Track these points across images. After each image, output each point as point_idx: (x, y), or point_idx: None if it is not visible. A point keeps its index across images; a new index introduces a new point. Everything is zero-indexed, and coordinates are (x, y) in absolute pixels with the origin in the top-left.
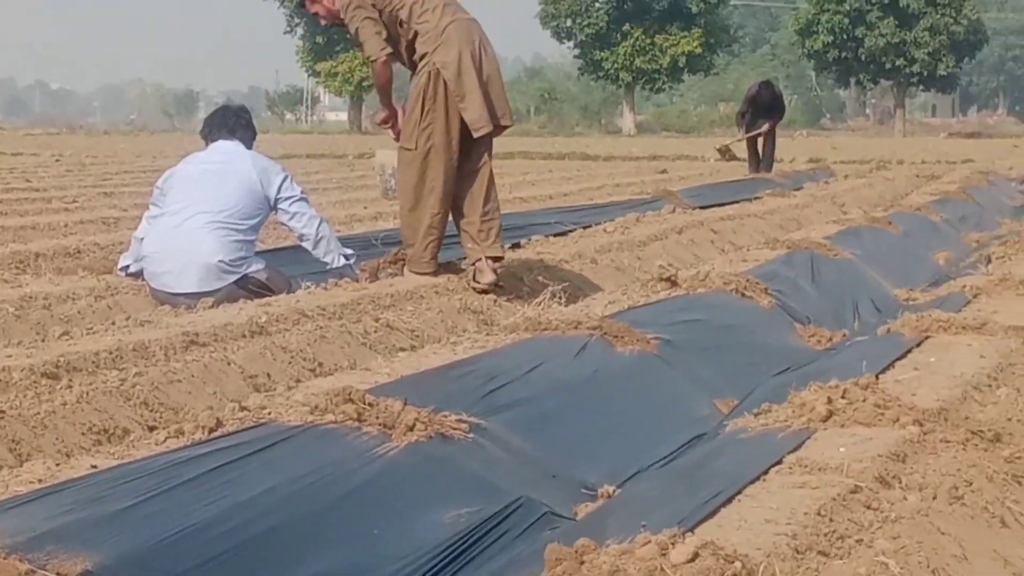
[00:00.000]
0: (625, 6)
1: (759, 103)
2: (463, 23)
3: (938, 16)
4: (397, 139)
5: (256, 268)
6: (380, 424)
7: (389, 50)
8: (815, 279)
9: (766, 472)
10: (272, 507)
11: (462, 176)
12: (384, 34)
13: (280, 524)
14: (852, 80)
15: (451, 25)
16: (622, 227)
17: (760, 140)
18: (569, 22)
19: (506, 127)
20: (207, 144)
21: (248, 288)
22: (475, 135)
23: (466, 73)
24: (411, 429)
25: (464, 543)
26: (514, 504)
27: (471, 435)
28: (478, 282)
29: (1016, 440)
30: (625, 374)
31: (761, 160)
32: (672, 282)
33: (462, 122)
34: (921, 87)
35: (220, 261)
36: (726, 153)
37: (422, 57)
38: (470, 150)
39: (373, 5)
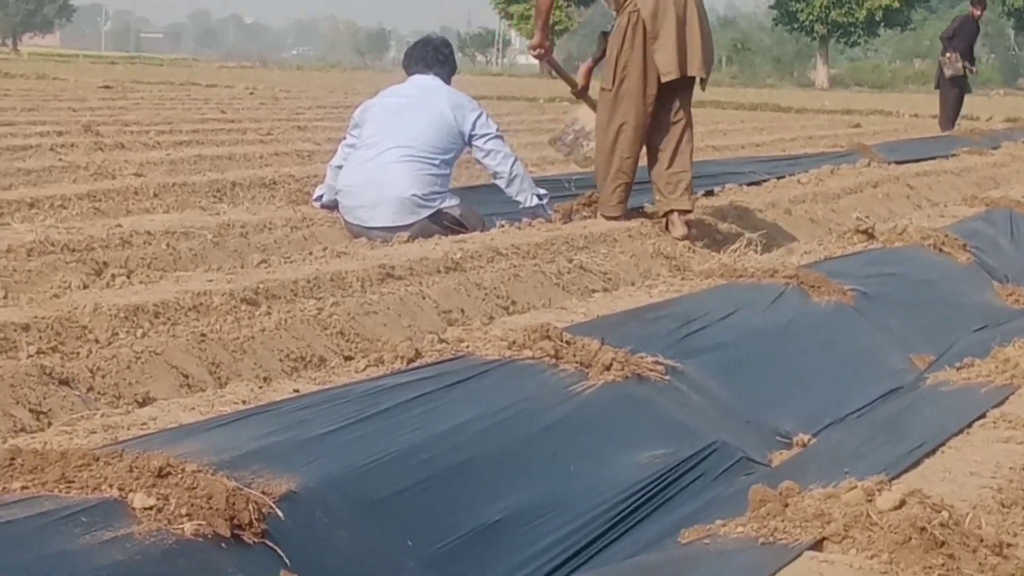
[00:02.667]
0: None
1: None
2: None
3: None
4: (554, 69)
5: (450, 204)
6: (577, 362)
7: None
8: (1014, 238)
9: (969, 426)
10: (470, 438)
11: (656, 126)
12: None
13: (478, 455)
14: None
15: None
16: (816, 179)
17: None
18: None
19: (701, 79)
20: (407, 75)
21: (442, 223)
22: (662, 79)
23: (663, 15)
24: (607, 368)
25: (660, 483)
26: (710, 448)
27: (667, 377)
28: (670, 234)
29: None
30: (820, 324)
31: (945, 111)
32: (869, 235)
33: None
34: None
35: (413, 195)
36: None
37: (625, 1)
38: (665, 99)
39: None
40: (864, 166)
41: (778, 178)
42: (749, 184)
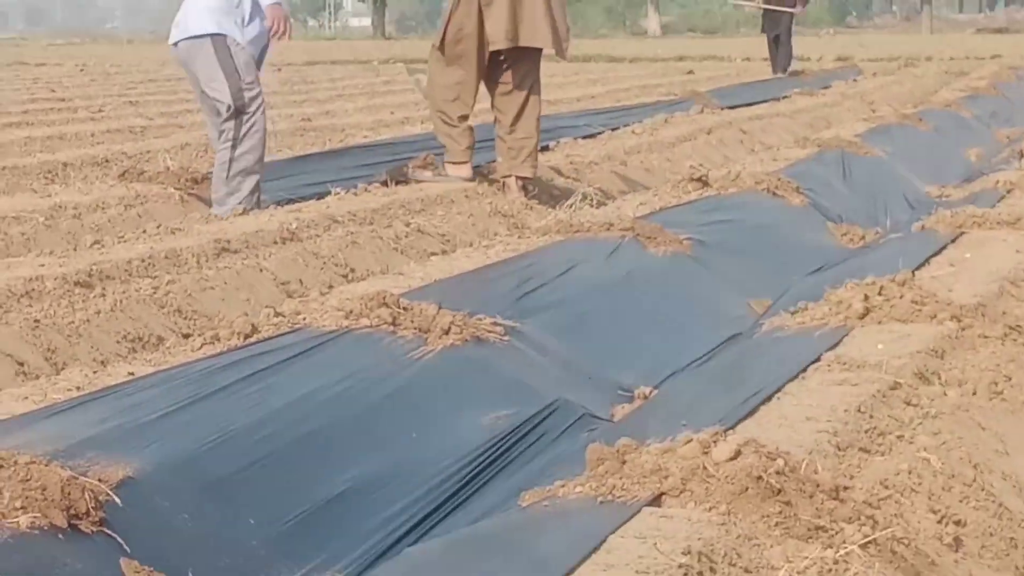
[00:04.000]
0: None
1: None
2: None
3: None
4: None
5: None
6: (415, 328)
7: None
8: (846, 177)
9: (804, 370)
10: (311, 412)
11: (500, 91)
12: None
13: (318, 429)
14: None
15: None
16: (650, 128)
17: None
18: None
19: (536, 49)
20: None
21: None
22: (490, 47)
23: None
24: (446, 333)
25: (503, 445)
26: (551, 406)
27: (506, 338)
28: (505, 195)
29: None
30: (658, 275)
31: (778, 54)
32: (703, 182)
33: None
34: None
35: None
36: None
37: None
38: (509, 64)
39: None
40: (697, 113)
41: (612, 129)
42: (584, 137)
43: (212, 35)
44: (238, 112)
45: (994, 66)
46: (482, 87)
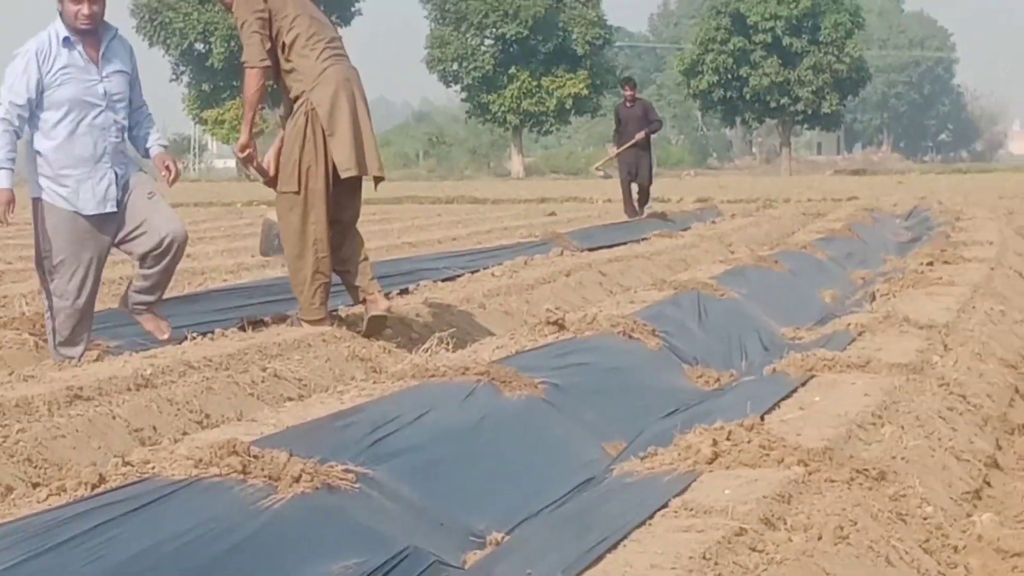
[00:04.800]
0: (511, 49)
1: (627, 114)
2: (343, 68)
3: (821, 55)
4: (256, 172)
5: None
6: (265, 476)
7: (268, 63)
8: (702, 319)
9: (652, 516)
10: (156, 564)
11: (341, 224)
12: (268, 44)
13: None
14: (738, 119)
15: (331, 68)
16: (510, 271)
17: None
18: (455, 66)
19: (378, 179)
20: None
21: None
22: (342, 176)
23: (339, 112)
24: (297, 480)
25: None
26: (401, 554)
27: (358, 485)
28: (374, 313)
29: (901, 478)
30: (513, 419)
31: (639, 197)
32: (559, 325)
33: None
34: (806, 125)
35: None
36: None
37: (298, 97)
38: (343, 197)
39: (267, 11)
40: (557, 255)
41: (473, 272)
42: (444, 280)
43: (34, 198)
44: (47, 274)
45: (851, 207)
46: None
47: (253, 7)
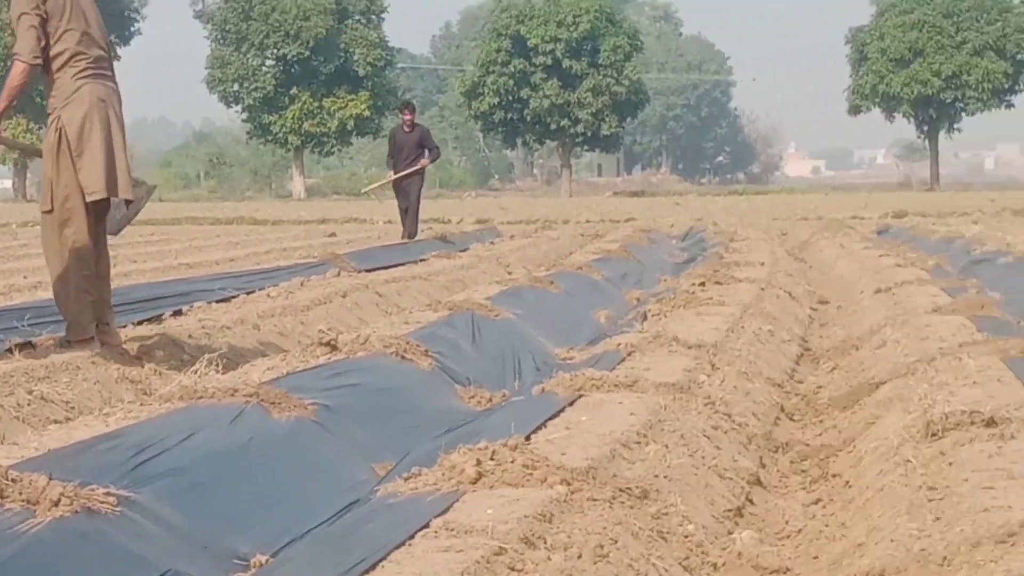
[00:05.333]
0: (292, 70)
1: (403, 139)
2: (99, 88)
3: (600, 77)
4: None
5: None
6: (23, 500)
7: (40, 61)
8: (476, 340)
9: (412, 537)
10: None
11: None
12: (43, 42)
13: None
14: (519, 141)
15: (86, 86)
16: (287, 292)
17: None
18: (236, 86)
19: (128, 200)
20: None
21: None
22: (87, 199)
23: (89, 132)
24: (56, 504)
25: None
26: None
27: (119, 508)
28: (109, 345)
29: (663, 496)
30: (281, 441)
31: (407, 221)
32: (332, 346)
33: None
34: (586, 147)
35: None
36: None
37: (52, 112)
38: (99, 215)
39: (45, 12)
40: (335, 276)
41: (248, 293)
42: (219, 301)
43: None
44: None
45: (628, 229)
46: None
47: (33, 2)
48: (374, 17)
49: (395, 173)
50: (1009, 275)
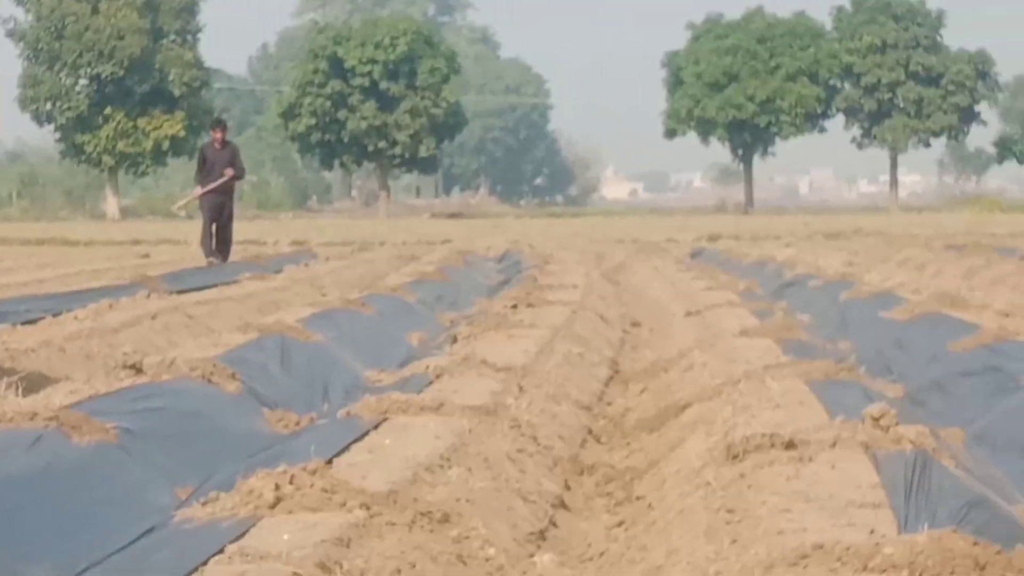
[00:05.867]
0: (106, 90)
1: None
2: None
3: (418, 99)
4: None
5: None
6: None
7: None
8: (285, 363)
9: (206, 563)
10: None
11: None
12: None
13: None
14: (336, 162)
15: None
16: (95, 314)
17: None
18: (49, 106)
19: None
20: None
21: None
22: None
23: None
24: None
25: None
26: None
27: None
28: None
29: (465, 520)
30: (81, 466)
31: (218, 242)
32: (137, 369)
33: None
34: (404, 168)
35: None
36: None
37: None
38: None
39: None
40: (145, 297)
41: (55, 315)
42: (25, 323)
43: None
44: None
45: (444, 251)
46: None
47: None
48: (190, 37)
49: (203, 189)
50: (818, 298)
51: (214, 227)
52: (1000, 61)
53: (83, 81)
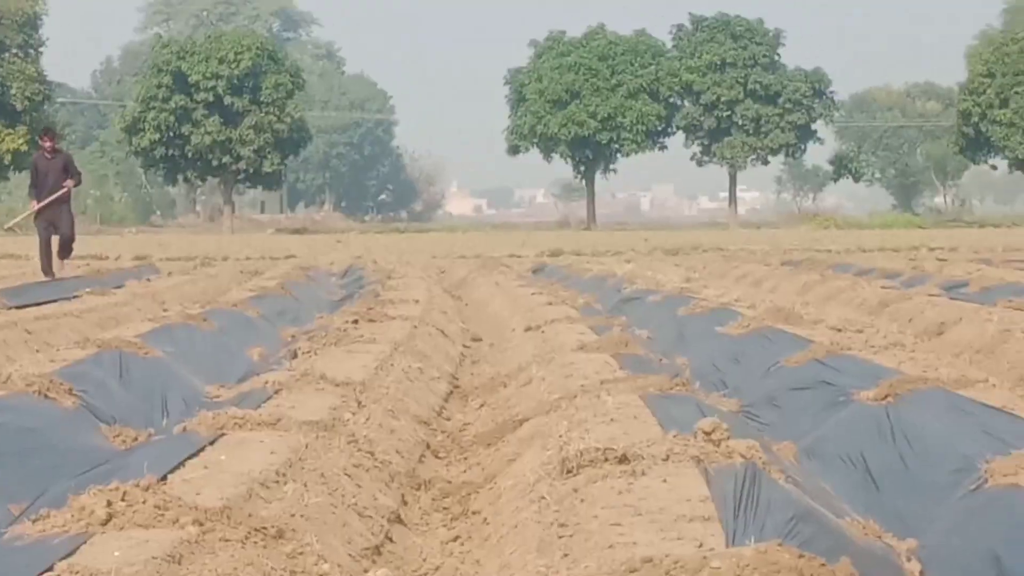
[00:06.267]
0: None
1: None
2: None
3: (262, 114)
4: None
5: None
6: None
7: None
8: (124, 378)
9: None
10: None
11: None
12: None
13: None
14: (180, 177)
15: None
16: None
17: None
18: None
19: None
20: None
21: None
22: None
23: None
24: None
25: None
26: None
27: None
28: None
29: (299, 536)
30: None
31: (61, 247)
32: None
33: None
34: (248, 184)
35: None
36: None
37: None
38: None
39: None
40: None
41: None
42: None
43: None
44: None
45: (287, 266)
46: None
47: None
48: (32, 51)
49: (38, 203)
50: (656, 313)
51: (53, 240)
52: (836, 80)
53: None
